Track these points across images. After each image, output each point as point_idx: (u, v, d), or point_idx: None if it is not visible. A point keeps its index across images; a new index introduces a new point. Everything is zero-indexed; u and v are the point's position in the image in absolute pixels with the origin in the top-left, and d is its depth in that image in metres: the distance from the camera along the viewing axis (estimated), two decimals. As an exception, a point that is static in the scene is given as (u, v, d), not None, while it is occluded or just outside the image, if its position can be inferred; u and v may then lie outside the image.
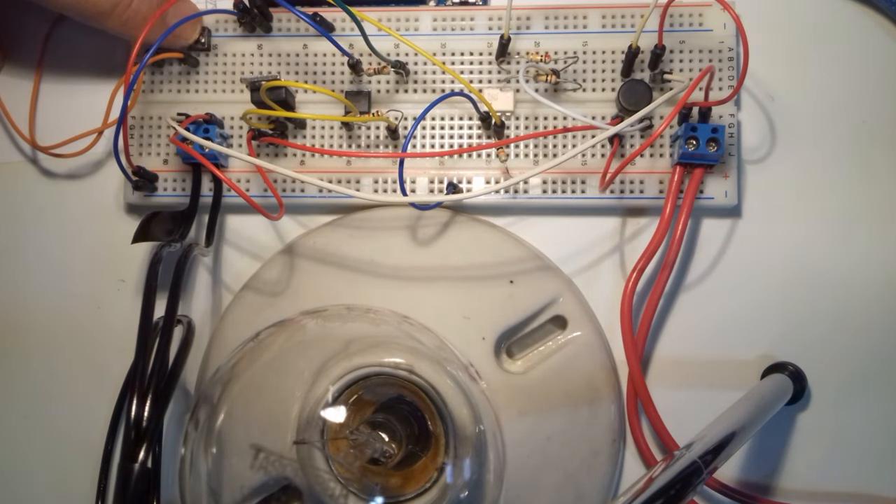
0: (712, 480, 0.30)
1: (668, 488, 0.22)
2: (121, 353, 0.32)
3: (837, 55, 0.33)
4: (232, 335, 0.31)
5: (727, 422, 0.25)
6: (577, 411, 0.30)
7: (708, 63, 0.32)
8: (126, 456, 0.26)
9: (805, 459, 0.31)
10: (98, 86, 0.34)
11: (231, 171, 0.33)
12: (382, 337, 0.28)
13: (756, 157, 0.32)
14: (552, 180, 0.32)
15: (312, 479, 0.26)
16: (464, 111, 0.32)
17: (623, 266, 0.32)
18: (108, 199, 0.34)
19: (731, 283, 0.32)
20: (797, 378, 0.31)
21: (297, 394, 0.27)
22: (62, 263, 0.34)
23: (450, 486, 0.26)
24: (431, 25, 0.33)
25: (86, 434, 0.33)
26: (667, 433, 0.30)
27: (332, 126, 0.32)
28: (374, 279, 0.31)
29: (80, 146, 0.33)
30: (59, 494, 0.33)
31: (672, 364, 0.32)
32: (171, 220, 0.31)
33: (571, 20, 0.32)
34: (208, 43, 0.33)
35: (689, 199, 0.30)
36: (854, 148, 0.32)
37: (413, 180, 0.32)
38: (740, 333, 0.32)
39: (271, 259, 0.32)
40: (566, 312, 0.31)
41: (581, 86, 0.32)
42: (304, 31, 0.33)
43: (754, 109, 0.33)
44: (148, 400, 0.27)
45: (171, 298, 0.29)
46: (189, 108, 0.33)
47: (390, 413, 0.27)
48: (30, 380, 0.33)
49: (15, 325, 0.34)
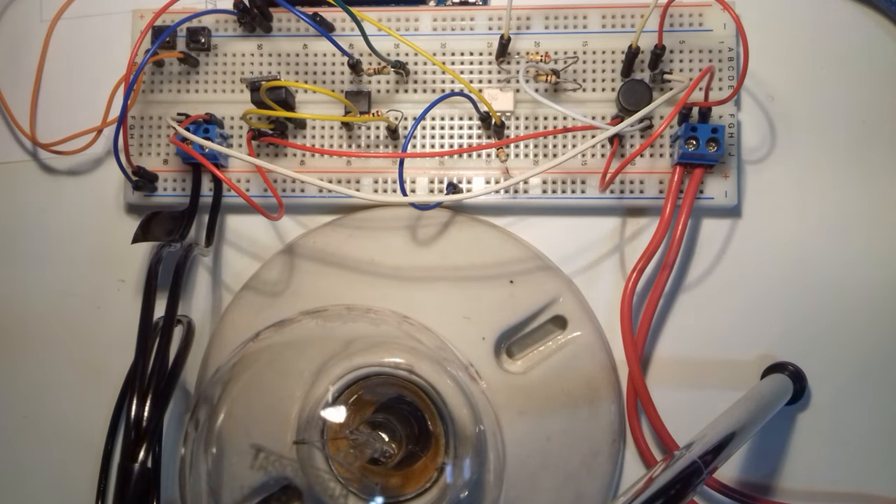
0: (712, 480, 0.30)
1: (668, 488, 0.22)
2: (121, 352, 0.32)
3: (837, 55, 0.33)
4: (232, 335, 0.31)
5: (727, 422, 0.25)
6: (577, 411, 0.30)
7: (708, 63, 0.32)
8: (126, 456, 0.26)
9: (805, 459, 0.31)
10: (99, 85, 0.34)
11: (231, 171, 0.33)
12: (382, 337, 0.28)
13: (756, 157, 0.32)
14: (552, 180, 0.32)
15: (312, 479, 0.26)
16: (464, 111, 0.32)
17: (623, 266, 0.32)
18: (108, 200, 0.34)
19: (731, 283, 0.32)
20: (797, 378, 0.31)
21: (297, 394, 0.27)
22: (62, 263, 0.34)
23: (450, 486, 0.26)
24: (431, 25, 0.33)
25: (86, 434, 0.33)
26: (667, 433, 0.30)
27: (332, 126, 0.33)
28: (374, 279, 0.31)
29: (79, 144, 0.33)
30: (59, 494, 0.33)
31: (672, 364, 0.32)
32: (171, 220, 0.31)
33: (571, 20, 0.32)
34: (208, 43, 0.33)
35: (689, 199, 0.30)
36: (854, 148, 0.32)
37: (413, 180, 0.32)
38: (740, 333, 0.32)
39: (271, 259, 0.32)
40: (566, 312, 0.31)
41: (581, 86, 0.32)
42: (304, 31, 0.33)
43: (754, 109, 0.33)
44: (148, 400, 0.27)
45: (171, 298, 0.29)
46: (189, 108, 0.33)
47: (390, 413, 0.27)
48: (30, 379, 0.33)
49: (15, 324, 0.34)
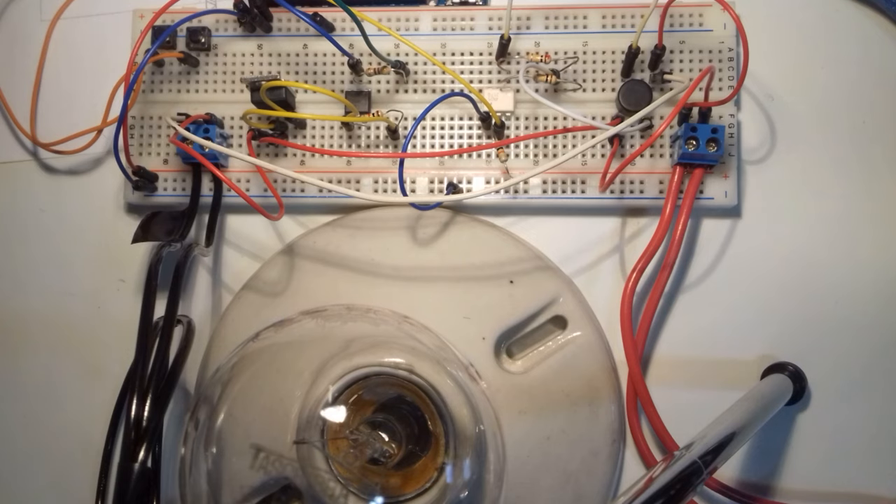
0: (712, 480, 0.30)
1: (668, 488, 0.22)
2: (121, 352, 0.32)
3: (837, 55, 0.33)
4: (232, 335, 0.31)
5: (727, 422, 0.25)
6: (576, 411, 0.30)
7: (708, 63, 0.32)
8: (126, 456, 0.26)
9: (805, 460, 0.31)
10: (99, 84, 0.34)
11: (231, 171, 0.33)
12: (382, 337, 0.28)
13: (756, 157, 0.32)
14: (552, 180, 0.32)
15: (312, 479, 0.26)
16: (464, 111, 0.32)
17: (623, 266, 0.32)
18: (108, 199, 0.34)
19: (731, 283, 0.32)
20: (797, 378, 0.31)
21: (297, 394, 0.27)
22: (62, 263, 0.34)
23: (450, 485, 0.26)
24: (431, 25, 0.33)
25: (86, 434, 0.33)
26: (666, 433, 0.30)
27: (332, 126, 0.33)
28: (374, 279, 0.31)
29: (80, 143, 0.33)
30: (59, 494, 0.33)
31: (672, 364, 0.32)
32: (171, 219, 0.31)
33: (571, 20, 0.32)
34: (208, 43, 0.33)
35: (688, 200, 0.30)
36: (854, 148, 0.32)
37: (413, 180, 0.32)
38: (740, 333, 0.32)
39: (271, 259, 0.32)
40: (566, 312, 0.31)
41: (581, 86, 0.32)
42: (304, 31, 0.33)
43: (754, 110, 0.33)
44: (148, 400, 0.27)
45: (172, 298, 0.29)
46: (189, 108, 0.33)
47: (390, 413, 0.27)
48: (30, 379, 0.33)
49: (15, 324, 0.34)
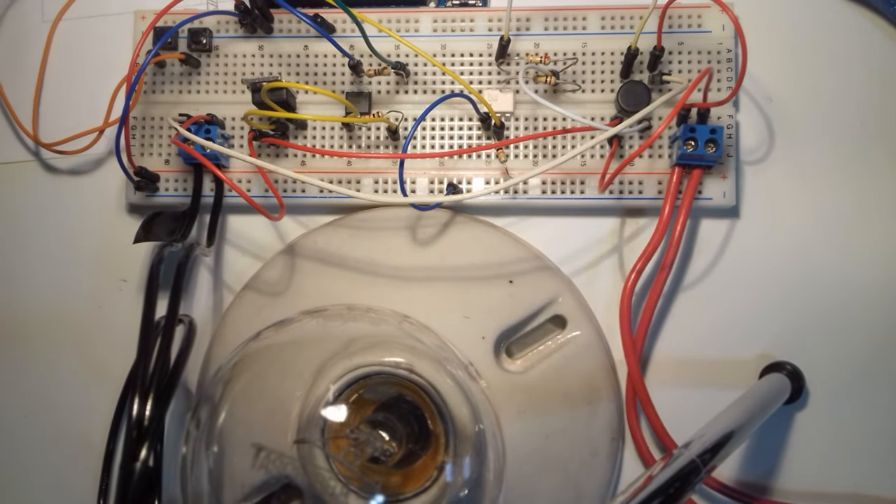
0: (711, 479, 0.30)
1: (667, 487, 0.22)
2: (122, 352, 0.32)
3: (836, 56, 0.33)
4: (233, 335, 0.31)
5: (725, 421, 0.25)
6: (576, 411, 0.30)
7: (706, 64, 0.32)
8: (127, 455, 0.26)
9: (803, 459, 0.31)
10: (100, 85, 0.34)
11: (232, 172, 0.33)
12: (383, 336, 0.28)
13: (754, 157, 0.33)
14: (552, 181, 0.32)
15: (313, 478, 0.26)
16: (464, 112, 0.32)
17: (622, 266, 0.33)
18: (109, 200, 0.34)
19: (730, 283, 0.32)
20: (795, 377, 0.31)
21: (298, 393, 0.27)
22: (64, 263, 0.34)
23: (450, 484, 0.26)
24: (431, 27, 0.33)
25: (87, 433, 0.33)
26: (665, 432, 0.30)
27: (332, 127, 0.33)
28: (374, 279, 0.31)
29: (81, 144, 0.33)
30: (60, 494, 0.33)
31: (671, 364, 0.32)
32: (172, 220, 0.31)
33: (571, 21, 0.32)
34: (210, 44, 0.33)
35: (687, 200, 0.30)
36: (852, 149, 0.32)
37: (413, 181, 0.32)
38: (738, 333, 0.32)
39: (272, 259, 0.33)
40: (565, 312, 0.31)
41: (580, 87, 0.32)
42: (304, 33, 0.33)
43: (753, 110, 0.33)
44: (149, 399, 0.27)
45: (173, 298, 0.29)
46: (190, 109, 0.33)
47: (391, 412, 0.27)
48: (31, 379, 0.34)
49: (16, 324, 0.34)
